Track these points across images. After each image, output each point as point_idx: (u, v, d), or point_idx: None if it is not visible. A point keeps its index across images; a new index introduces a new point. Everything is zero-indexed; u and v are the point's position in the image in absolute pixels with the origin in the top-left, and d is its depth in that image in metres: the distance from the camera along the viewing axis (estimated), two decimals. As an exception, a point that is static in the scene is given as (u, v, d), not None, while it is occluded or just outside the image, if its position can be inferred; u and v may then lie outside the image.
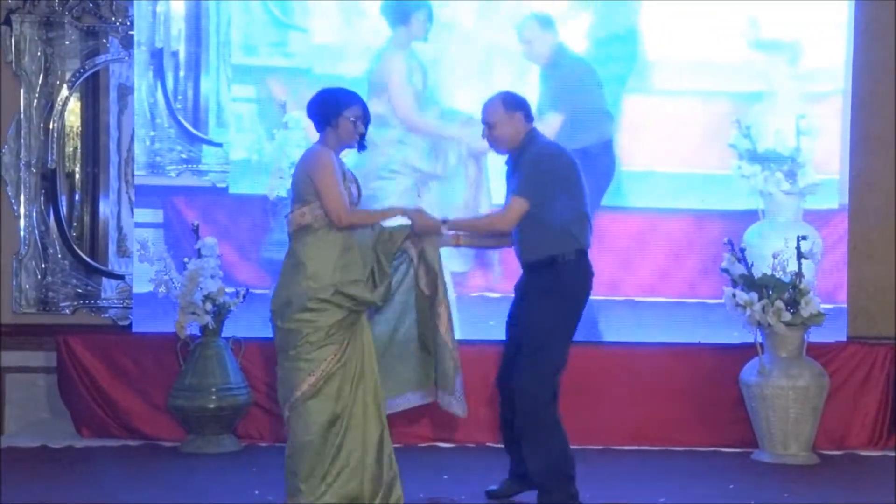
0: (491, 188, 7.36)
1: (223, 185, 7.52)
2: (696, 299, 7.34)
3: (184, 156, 7.57)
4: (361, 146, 5.29)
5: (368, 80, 7.29)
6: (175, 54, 7.62)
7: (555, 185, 5.33)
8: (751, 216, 7.31)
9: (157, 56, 7.58)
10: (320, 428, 4.94)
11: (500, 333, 6.87)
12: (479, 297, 7.39)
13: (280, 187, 7.13)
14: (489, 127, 5.45)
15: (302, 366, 4.94)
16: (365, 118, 5.21)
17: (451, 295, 5.97)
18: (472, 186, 7.43)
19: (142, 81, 7.55)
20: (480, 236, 5.73)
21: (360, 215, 5.24)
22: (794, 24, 7.28)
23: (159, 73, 7.59)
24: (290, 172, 6.36)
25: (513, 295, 5.65)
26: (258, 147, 7.45)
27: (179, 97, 7.64)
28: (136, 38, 7.52)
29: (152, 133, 7.52)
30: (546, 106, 7.17)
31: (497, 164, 7.22)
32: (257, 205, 7.33)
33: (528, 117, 5.48)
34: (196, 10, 7.58)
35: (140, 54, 7.54)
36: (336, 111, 5.16)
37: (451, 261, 7.29)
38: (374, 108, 7.16)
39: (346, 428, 5.01)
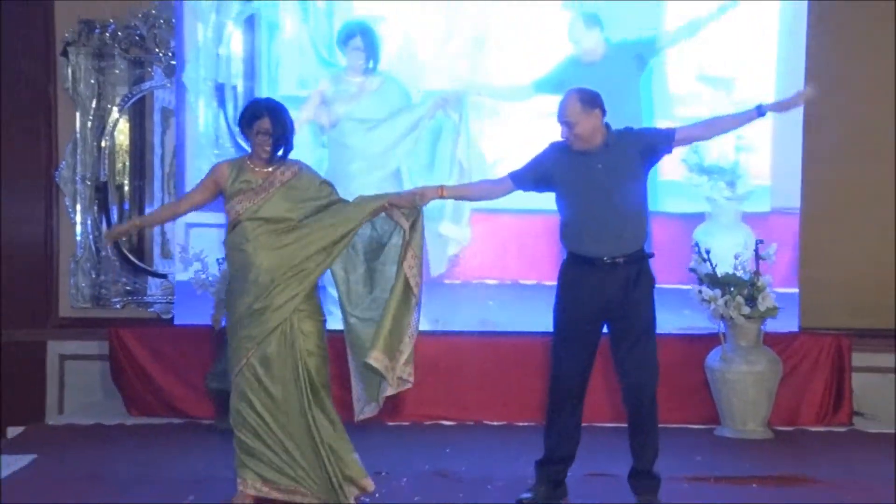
0: (471, 139, 7.27)
1: None
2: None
3: None
4: (275, 153, 4.88)
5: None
6: (234, 87, 7.67)
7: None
8: (698, 218, 7.40)
9: (219, 89, 7.65)
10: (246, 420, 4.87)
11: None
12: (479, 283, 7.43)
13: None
14: (569, 126, 4.82)
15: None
16: (273, 128, 4.82)
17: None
18: (456, 141, 7.27)
19: (209, 110, 7.63)
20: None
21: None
22: (733, 63, 7.36)
23: (222, 104, 7.65)
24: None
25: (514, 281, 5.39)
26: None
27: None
28: (201, 75, 7.56)
29: (216, 151, 7.52)
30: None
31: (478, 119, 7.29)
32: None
33: (604, 112, 4.88)
34: (251, 51, 7.62)
35: (206, 88, 7.58)
36: (246, 128, 4.90)
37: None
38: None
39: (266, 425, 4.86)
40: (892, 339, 7.54)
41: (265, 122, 4.84)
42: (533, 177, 4.99)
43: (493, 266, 7.41)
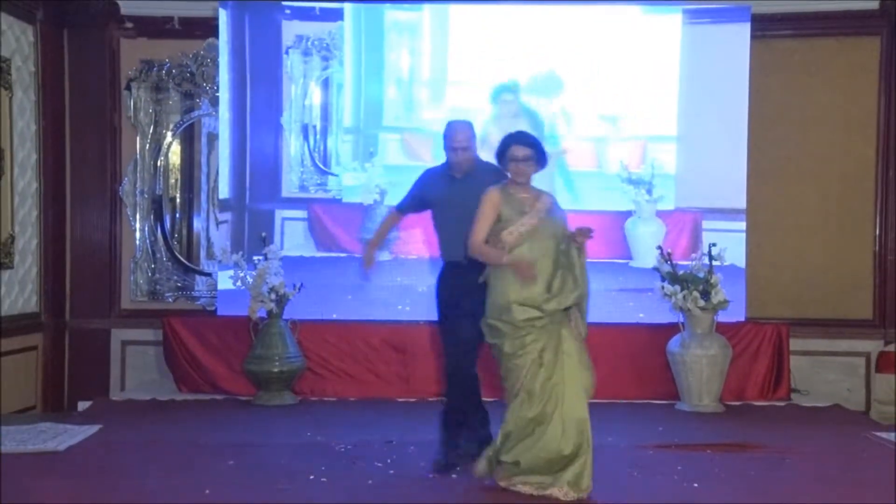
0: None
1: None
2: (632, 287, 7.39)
3: (318, 181, 7.79)
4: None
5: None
6: (315, 126, 7.77)
7: None
8: (626, 214, 7.46)
9: (305, 128, 7.76)
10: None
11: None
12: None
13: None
14: (465, 150, 4.89)
15: (518, 363, 4.58)
16: (534, 154, 4.58)
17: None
18: None
19: (298, 141, 7.73)
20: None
21: (486, 252, 4.58)
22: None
23: (304, 135, 7.76)
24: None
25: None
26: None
27: (316, 152, 7.81)
28: (293, 117, 7.69)
29: (301, 169, 7.74)
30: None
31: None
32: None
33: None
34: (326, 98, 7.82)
35: (295, 126, 7.73)
36: (501, 155, 4.66)
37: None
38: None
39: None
40: (822, 327, 7.54)
41: (519, 149, 4.62)
42: (414, 203, 5.15)
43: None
